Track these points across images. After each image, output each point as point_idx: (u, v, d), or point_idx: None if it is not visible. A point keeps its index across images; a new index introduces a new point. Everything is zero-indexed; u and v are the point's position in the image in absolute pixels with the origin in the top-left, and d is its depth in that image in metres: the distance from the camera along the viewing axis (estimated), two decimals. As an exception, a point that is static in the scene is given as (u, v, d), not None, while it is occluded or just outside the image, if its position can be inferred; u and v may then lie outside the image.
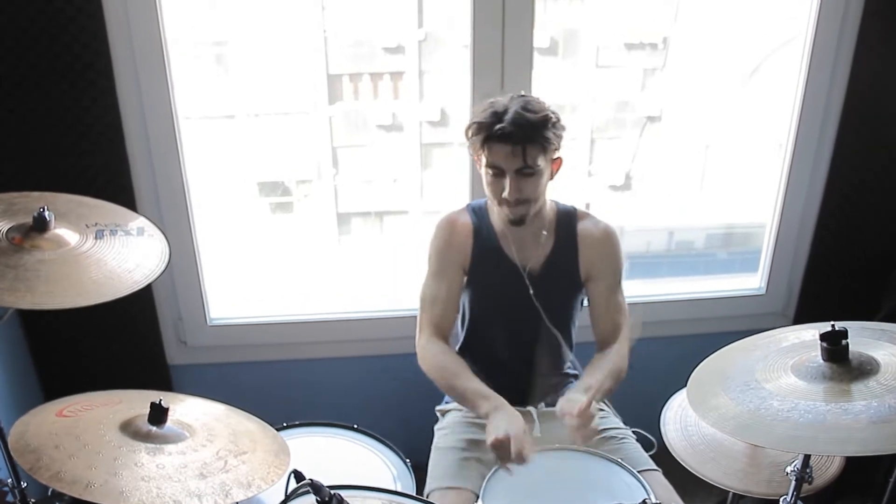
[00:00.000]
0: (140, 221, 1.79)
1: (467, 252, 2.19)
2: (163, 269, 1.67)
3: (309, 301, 2.86)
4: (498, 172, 2.01)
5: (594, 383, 1.98)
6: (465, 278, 2.21)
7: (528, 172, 1.99)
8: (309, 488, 1.33)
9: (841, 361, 1.36)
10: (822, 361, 1.38)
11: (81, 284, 1.55)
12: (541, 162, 1.99)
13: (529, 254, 2.17)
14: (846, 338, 1.36)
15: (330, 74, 2.81)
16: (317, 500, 1.37)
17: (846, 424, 1.23)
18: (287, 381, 2.73)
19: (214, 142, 2.77)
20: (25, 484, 1.80)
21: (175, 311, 2.62)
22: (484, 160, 2.03)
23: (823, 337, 1.37)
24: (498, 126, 1.95)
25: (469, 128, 2.03)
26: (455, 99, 2.80)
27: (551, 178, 2.09)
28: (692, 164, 3.16)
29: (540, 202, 2.10)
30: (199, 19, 2.57)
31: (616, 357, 2.12)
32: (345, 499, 1.40)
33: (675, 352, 2.54)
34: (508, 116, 1.94)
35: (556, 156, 2.06)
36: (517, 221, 2.08)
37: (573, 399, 1.90)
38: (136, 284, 1.60)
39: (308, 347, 2.73)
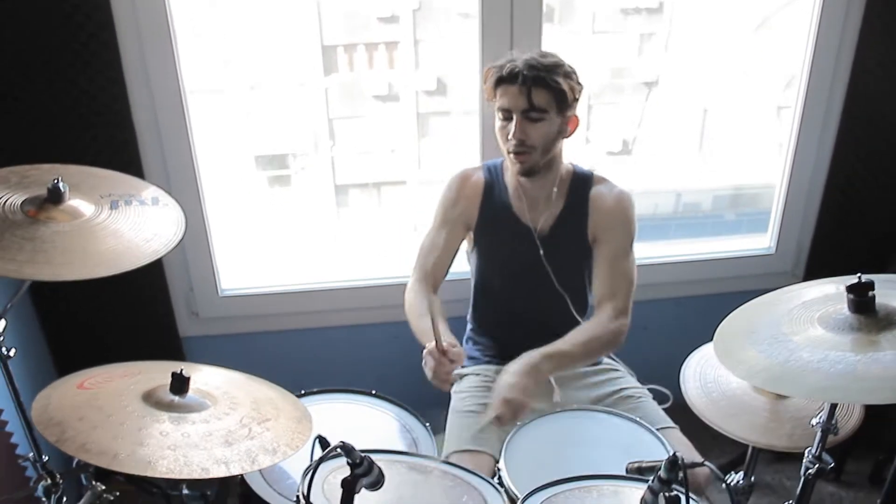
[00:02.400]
0: (153, 191, 1.78)
1: (475, 209, 2.21)
2: (181, 237, 1.66)
3: (316, 271, 2.85)
4: (507, 116, 2.03)
5: (554, 350, 1.98)
6: (472, 235, 2.23)
7: (534, 117, 2.00)
8: (340, 450, 1.33)
9: (868, 313, 1.37)
10: (848, 313, 1.38)
11: (100, 255, 1.54)
12: (548, 106, 2.00)
13: (539, 214, 2.17)
14: (873, 289, 1.37)
15: (324, 45, 2.78)
16: (347, 463, 1.36)
17: (877, 373, 1.23)
18: (299, 351, 2.74)
19: (210, 116, 2.72)
20: (47, 458, 1.80)
21: (186, 283, 2.61)
22: (496, 105, 2.05)
23: (850, 289, 1.37)
24: (508, 65, 1.99)
25: (485, 73, 2.07)
26: (451, 67, 2.79)
27: (567, 135, 2.09)
28: (691, 129, 3.14)
29: (549, 155, 2.09)
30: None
31: (595, 328, 2.07)
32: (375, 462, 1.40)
33: (685, 312, 2.56)
34: (520, 59, 1.99)
35: (570, 112, 2.05)
36: (526, 172, 2.08)
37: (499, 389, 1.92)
38: (155, 253, 1.60)
39: (320, 316, 2.73)
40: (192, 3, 2.41)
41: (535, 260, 2.16)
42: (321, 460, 1.34)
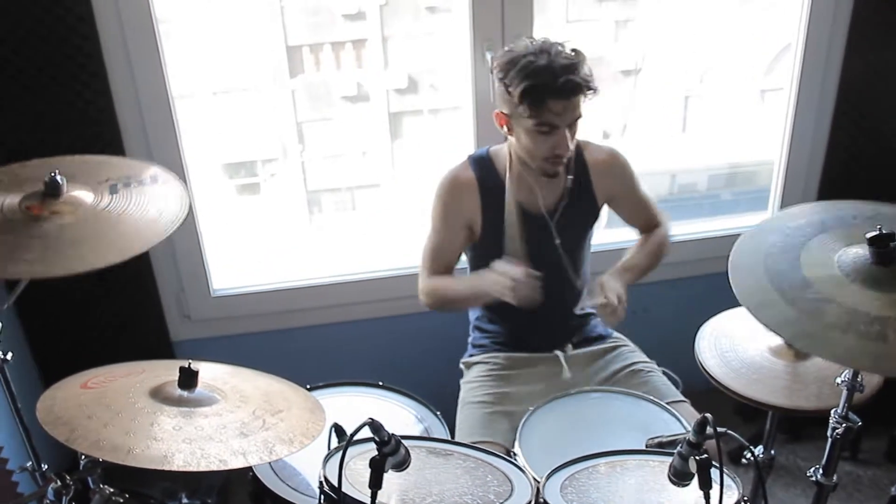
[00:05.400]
0: (151, 169, 1.77)
1: (475, 209, 2.13)
2: (186, 211, 1.64)
3: (292, 274, 2.77)
4: (549, 130, 1.95)
5: (629, 263, 2.16)
6: (478, 235, 2.16)
7: (574, 126, 1.97)
8: (369, 427, 1.30)
9: (890, 264, 1.36)
10: (870, 264, 1.38)
11: (111, 241, 1.53)
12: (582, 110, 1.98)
13: (545, 196, 2.11)
14: (893, 240, 1.36)
15: (289, 46, 2.72)
16: (374, 441, 1.34)
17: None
18: (297, 349, 2.69)
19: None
20: (46, 466, 1.76)
21: (177, 284, 2.56)
22: (530, 122, 1.94)
23: (872, 241, 1.37)
24: (557, 82, 1.88)
25: (516, 91, 1.91)
26: (422, 64, 2.76)
27: None
28: (673, 115, 3.14)
29: None
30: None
31: (656, 237, 2.27)
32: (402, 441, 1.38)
33: (689, 293, 2.56)
34: (558, 71, 1.88)
35: None
36: (554, 175, 2.06)
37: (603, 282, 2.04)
38: (164, 232, 1.59)
39: (317, 313, 2.68)
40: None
41: (546, 246, 2.13)
42: (353, 436, 1.31)
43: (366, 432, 1.34)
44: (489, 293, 1.98)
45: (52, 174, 1.55)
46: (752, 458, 1.41)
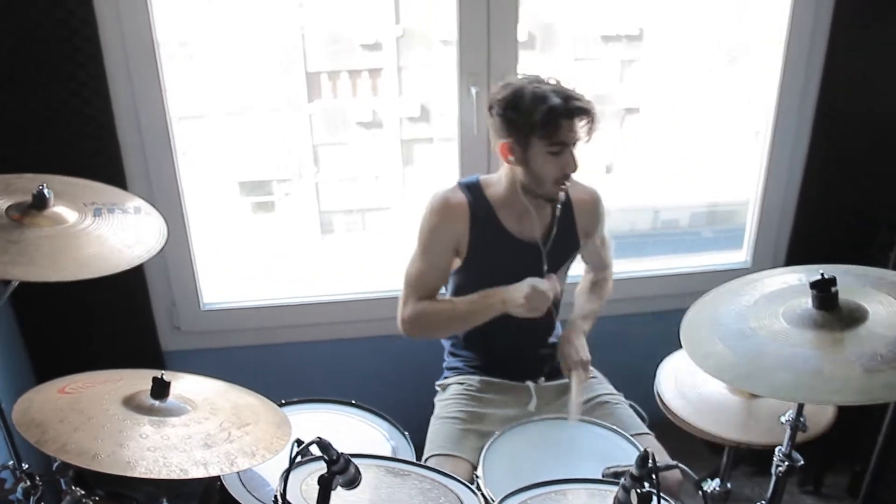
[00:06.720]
0: (136, 201, 1.82)
1: (464, 232, 2.14)
2: (163, 244, 1.69)
3: (298, 288, 2.84)
4: (560, 150, 2.00)
5: (587, 310, 2.31)
6: (463, 258, 2.17)
7: (577, 147, 2.04)
8: (317, 445, 1.35)
9: (832, 309, 1.39)
10: (813, 309, 1.41)
11: (84, 258, 1.57)
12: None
13: (531, 226, 2.15)
14: (835, 285, 1.39)
15: (308, 72, 2.81)
16: (324, 460, 1.38)
17: (844, 373, 1.27)
18: (282, 365, 2.74)
19: (195, 141, 2.73)
20: (27, 465, 1.80)
21: (168, 297, 2.62)
22: (543, 144, 1.99)
23: (814, 285, 1.40)
24: (569, 103, 1.97)
25: (534, 115, 1.97)
26: (434, 94, 2.81)
27: None
28: (672, 153, 3.18)
29: None
30: (178, 19, 2.54)
31: (607, 283, 2.41)
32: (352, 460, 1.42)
33: (663, 326, 2.57)
34: (568, 94, 1.98)
35: None
36: (558, 200, 2.12)
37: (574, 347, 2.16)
38: (137, 259, 1.63)
39: (303, 330, 2.73)
40: (177, 26, 2.42)
41: (531, 274, 2.12)
42: (299, 454, 1.36)
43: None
44: (514, 303, 2.03)
45: (41, 187, 1.61)
46: (708, 490, 1.46)
